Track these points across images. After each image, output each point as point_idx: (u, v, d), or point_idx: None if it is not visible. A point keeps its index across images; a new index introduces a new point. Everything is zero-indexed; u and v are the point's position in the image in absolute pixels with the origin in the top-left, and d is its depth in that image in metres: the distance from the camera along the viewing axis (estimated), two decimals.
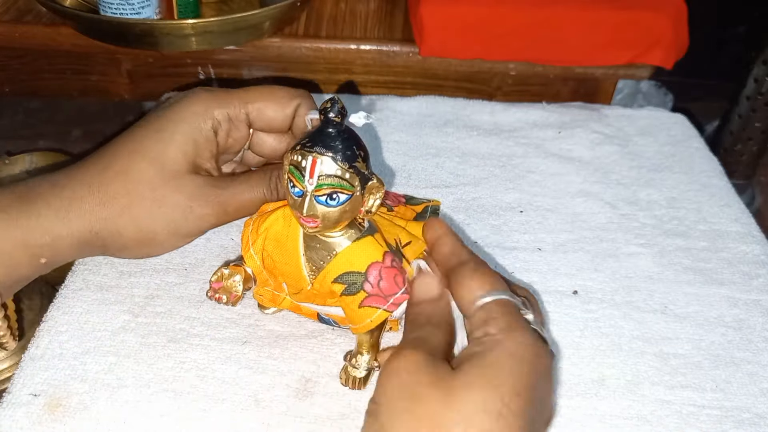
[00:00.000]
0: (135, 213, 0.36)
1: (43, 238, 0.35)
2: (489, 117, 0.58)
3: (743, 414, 0.36)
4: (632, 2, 0.59)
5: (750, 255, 0.46)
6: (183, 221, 0.37)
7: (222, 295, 0.36)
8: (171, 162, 0.36)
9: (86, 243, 0.36)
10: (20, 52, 0.64)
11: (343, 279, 0.33)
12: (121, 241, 0.36)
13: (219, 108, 0.38)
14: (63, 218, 0.35)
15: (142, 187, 0.36)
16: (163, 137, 0.37)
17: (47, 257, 0.35)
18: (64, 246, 0.35)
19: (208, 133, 0.37)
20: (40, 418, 0.33)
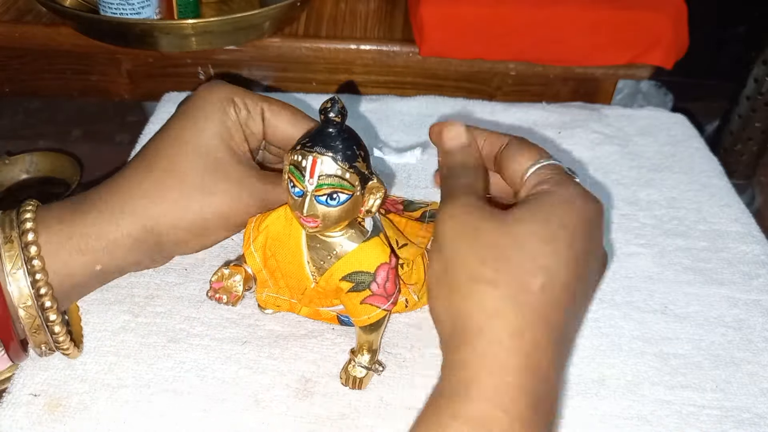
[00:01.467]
0: (186, 203, 0.36)
1: (98, 243, 0.35)
2: (489, 117, 0.58)
3: (743, 414, 0.36)
4: (632, 2, 0.59)
5: (750, 255, 0.45)
6: (233, 210, 0.37)
7: (222, 295, 0.36)
8: (213, 150, 0.37)
9: (141, 241, 0.36)
10: (20, 52, 0.64)
11: (351, 278, 0.33)
12: (175, 234, 0.37)
13: (238, 96, 0.39)
14: (116, 221, 0.35)
15: (190, 179, 0.36)
16: (198, 126, 0.37)
17: (102, 264, 0.35)
18: (119, 249, 0.35)
19: (233, 117, 0.38)
20: (40, 418, 0.33)
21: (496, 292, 0.27)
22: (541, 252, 0.28)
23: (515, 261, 0.27)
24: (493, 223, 0.29)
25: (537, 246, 0.28)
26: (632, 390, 0.37)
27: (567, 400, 0.36)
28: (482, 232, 0.29)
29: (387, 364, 0.37)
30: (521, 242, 0.28)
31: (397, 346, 0.38)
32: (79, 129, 0.79)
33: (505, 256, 0.28)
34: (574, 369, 0.37)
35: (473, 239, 0.29)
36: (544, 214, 0.29)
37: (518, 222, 0.29)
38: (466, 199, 0.31)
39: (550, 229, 0.28)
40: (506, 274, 0.27)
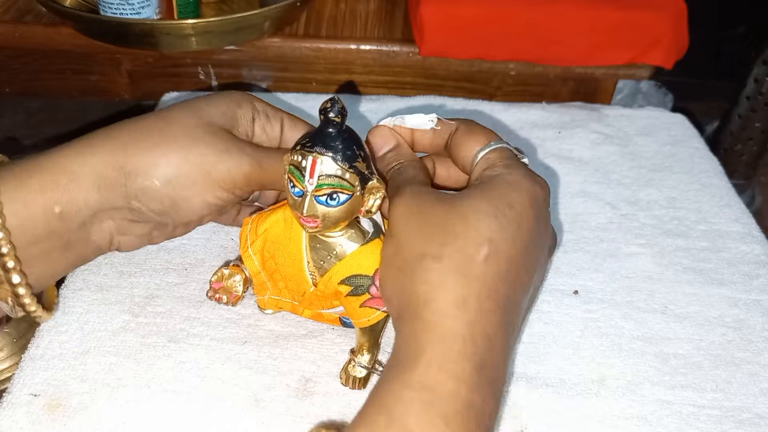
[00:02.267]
0: (167, 149, 0.34)
1: (59, 177, 0.33)
2: (489, 117, 0.58)
3: (743, 414, 0.36)
4: (632, 2, 0.59)
5: (750, 255, 0.45)
6: (217, 161, 0.35)
7: (222, 295, 0.36)
8: (211, 116, 0.36)
9: (106, 179, 0.33)
10: (20, 52, 0.64)
11: (350, 281, 0.33)
12: (146, 179, 0.34)
13: (260, 103, 0.39)
14: (83, 154, 0.33)
15: (177, 128, 0.35)
16: (208, 100, 0.37)
17: (62, 204, 0.33)
18: (81, 186, 0.33)
19: (247, 115, 0.38)
20: (40, 418, 0.33)
21: (440, 265, 0.28)
22: (487, 225, 0.28)
23: (460, 235, 0.28)
24: (441, 204, 0.30)
25: (483, 220, 0.28)
26: (632, 390, 0.37)
27: (567, 400, 0.36)
28: (429, 213, 0.30)
29: None
30: (466, 217, 0.29)
31: None
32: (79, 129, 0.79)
33: (450, 231, 0.28)
34: (574, 369, 0.38)
35: (421, 220, 0.30)
36: (491, 193, 0.30)
37: (464, 200, 0.30)
38: (411, 188, 0.32)
39: (496, 206, 0.29)
40: (451, 247, 0.28)
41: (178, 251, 0.43)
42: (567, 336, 0.39)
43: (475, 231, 0.28)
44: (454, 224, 0.29)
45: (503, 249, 0.28)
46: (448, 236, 0.28)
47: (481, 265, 0.28)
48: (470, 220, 0.29)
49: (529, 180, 0.31)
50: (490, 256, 0.28)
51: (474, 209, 0.29)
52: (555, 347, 0.39)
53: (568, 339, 0.39)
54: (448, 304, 0.27)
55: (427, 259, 0.28)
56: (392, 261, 0.30)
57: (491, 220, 0.29)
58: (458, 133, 0.34)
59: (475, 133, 0.33)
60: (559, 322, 0.40)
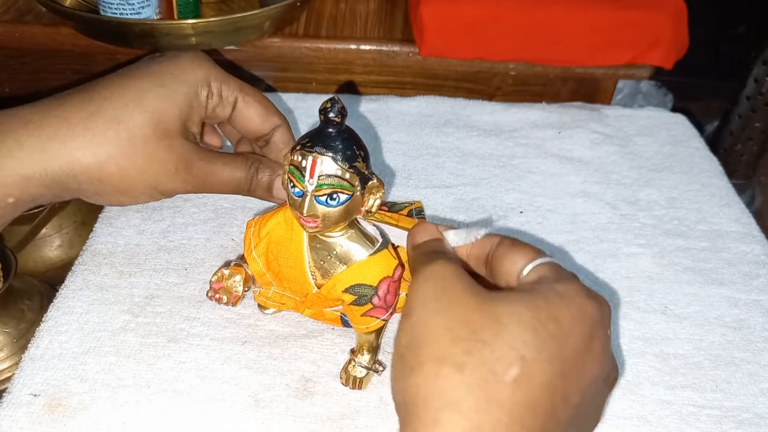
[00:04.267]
0: (122, 163, 0.35)
1: (13, 178, 0.33)
2: (489, 117, 0.58)
3: (743, 414, 0.36)
4: (632, 2, 0.59)
5: (750, 255, 0.45)
6: (165, 180, 0.37)
7: (222, 295, 0.36)
8: (167, 121, 0.36)
9: (60, 184, 0.35)
10: (20, 52, 0.64)
11: (354, 290, 0.33)
12: (99, 186, 0.36)
13: (216, 81, 0.38)
14: (37, 158, 0.33)
15: (135, 140, 0.35)
16: (165, 94, 0.36)
17: (15, 197, 0.34)
18: (35, 186, 0.34)
19: (202, 99, 0.38)
20: (40, 418, 0.33)
21: (461, 378, 0.24)
22: (522, 339, 0.24)
23: (489, 344, 0.24)
24: (474, 298, 0.26)
25: (518, 332, 0.24)
26: (632, 390, 0.37)
27: None
28: (459, 305, 0.26)
29: (387, 364, 0.37)
30: (501, 323, 0.25)
31: None
32: None
33: (480, 337, 0.24)
34: None
35: (447, 311, 0.26)
36: (535, 302, 0.25)
37: (503, 302, 0.26)
38: (444, 264, 0.28)
39: (537, 317, 0.25)
40: (476, 357, 0.24)
41: (178, 251, 0.43)
42: None
43: (508, 344, 0.24)
44: (484, 328, 0.24)
45: (537, 373, 0.24)
46: (476, 343, 0.24)
47: (507, 387, 0.23)
48: (504, 329, 0.24)
49: (584, 296, 0.26)
50: (520, 379, 0.24)
51: (510, 315, 0.25)
52: None
53: None
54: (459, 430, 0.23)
55: (447, 366, 0.24)
56: (405, 355, 0.26)
57: (529, 333, 0.24)
58: (502, 246, 0.29)
59: (521, 247, 0.29)
60: None
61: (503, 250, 0.29)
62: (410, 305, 0.27)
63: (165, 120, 0.36)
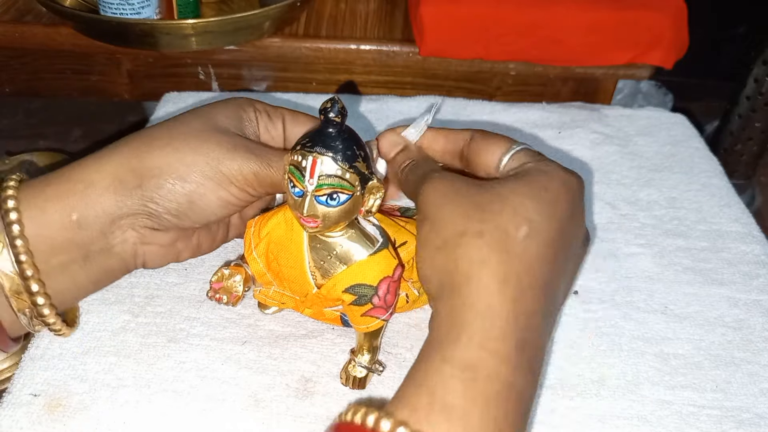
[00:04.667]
0: (176, 146, 0.35)
1: (76, 186, 0.33)
2: (489, 117, 0.58)
3: (743, 414, 0.36)
4: (632, 2, 0.59)
5: (750, 255, 0.45)
6: (226, 156, 0.35)
7: (222, 295, 0.36)
8: (217, 120, 0.36)
9: (120, 182, 0.34)
10: (20, 52, 0.64)
11: (354, 290, 0.33)
12: (161, 179, 0.34)
13: (260, 103, 0.39)
14: (97, 161, 0.34)
15: (186, 129, 0.35)
16: (212, 105, 0.37)
17: (79, 210, 0.33)
18: (97, 192, 0.33)
19: (251, 117, 0.38)
20: (40, 418, 0.33)
21: (482, 241, 0.28)
22: (524, 206, 0.28)
23: (499, 213, 0.28)
24: (476, 186, 0.30)
25: (520, 200, 0.29)
26: (632, 390, 0.37)
27: (567, 401, 0.36)
28: (465, 194, 0.30)
29: (387, 364, 0.37)
30: (504, 197, 0.29)
31: (397, 346, 0.38)
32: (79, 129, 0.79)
33: (488, 209, 0.28)
34: (574, 369, 0.37)
35: (457, 200, 0.30)
36: (526, 178, 0.30)
37: (500, 183, 0.30)
38: (439, 174, 0.31)
39: (532, 188, 0.29)
40: (491, 224, 0.28)
41: None
42: (567, 336, 0.39)
43: (514, 210, 0.28)
44: (492, 203, 0.29)
45: (542, 230, 0.28)
46: (487, 213, 0.28)
47: (521, 243, 0.28)
48: (508, 200, 0.29)
49: (563, 170, 0.31)
50: (530, 235, 0.28)
51: (510, 189, 0.29)
52: (555, 347, 0.39)
53: (568, 339, 0.39)
54: (491, 280, 0.27)
55: (468, 236, 0.28)
56: (429, 241, 0.30)
57: (528, 200, 0.29)
58: (475, 141, 0.33)
59: (495, 138, 0.33)
60: (559, 322, 0.40)
61: (478, 144, 0.33)
62: (424, 210, 0.31)
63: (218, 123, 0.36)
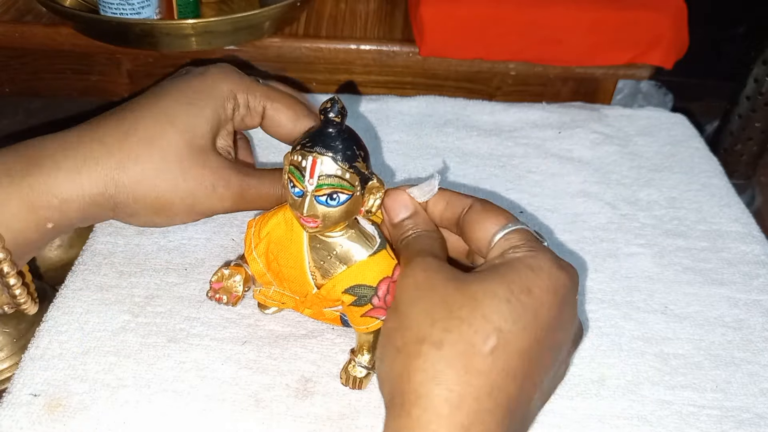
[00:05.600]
0: (157, 181, 0.35)
1: (51, 201, 0.33)
2: (489, 117, 0.58)
3: (743, 414, 0.36)
4: (632, 2, 0.59)
5: (750, 255, 0.45)
6: (203, 198, 0.36)
7: (222, 295, 0.36)
8: (200, 137, 0.36)
9: (96, 205, 0.35)
10: (20, 52, 0.64)
11: (354, 291, 0.33)
12: (135, 207, 0.35)
13: (242, 93, 0.38)
14: (74, 180, 0.34)
15: (169, 156, 0.35)
16: (194, 111, 0.36)
17: (54, 221, 0.34)
18: (73, 209, 0.34)
19: (228, 112, 0.38)
20: (40, 418, 0.33)
21: (440, 354, 0.25)
22: (497, 312, 0.26)
23: (466, 320, 0.25)
24: (453, 283, 0.27)
25: (493, 305, 0.26)
26: (632, 390, 0.37)
27: (567, 401, 0.36)
28: (438, 291, 0.27)
29: None
30: (476, 300, 0.26)
31: None
32: None
33: (456, 315, 0.26)
34: (574, 369, 0.37)
35: (427, 297, 0.27)
36: (508, 275, 0.27)
37: (478, 281, 0.27)
38: (423, 260, 0.29)
39: (511, 290, 0.26)
40: (454, 334, 0.25)
41: (178, 251, 0.43)
42: None
43: (483, 317, 0.25)
44: (461, 307, 0.26)
45: (513, 341, 0.25)
46: (453, 320, 0.26)
47: (486, 358, 0.25)
48: (479, 304, 0.26)
49: (554, 266, 0.28)
50: (498, 348, 0.25)
51: (485, 291, 0.26)
52: None
53: None
54: (443, 402, 0.24)
55: (426, 345, 0.25)
56: (391, 339, 0.27)
57: (503, 305, 0.26)
58: (473, 211, 0.31)
59: (493, 212, 0.30)
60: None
61: (474, 215, 0.31)
62: (397, 297, 0.29)
63: (197, 137, 0.36)
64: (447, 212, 0.32)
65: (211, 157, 0.36)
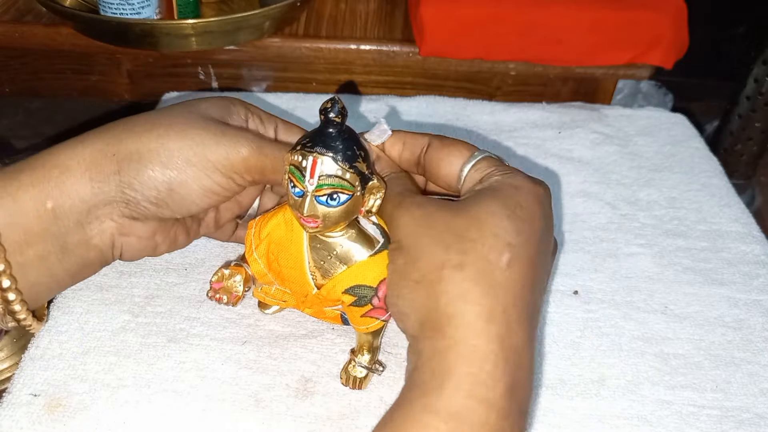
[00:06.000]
0: (159, 132, 0.33)
1: (51, 172, 0.32)
2: (489, 117, 0.58)
3: (743, 414, 0.36)
4: (632, 2, 0.59)
5: (750, 255, 0.45)
6: (213, 144, 0.33)
7: (222, 295, 0.36)
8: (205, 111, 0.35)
9: (99, 169, 0.32)
10: (20, 52, 0.64)
11: (354, 291, 0.33)
12: (140, 164, 0.32)
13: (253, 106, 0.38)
14: (76, 146, 0.32)
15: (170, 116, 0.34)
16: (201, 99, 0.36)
17: (54, 198, 0.31)
18: (73, 179, 0.32)
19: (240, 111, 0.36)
20: (40, 418, 0.33)
21: (463, 275, 0.26)
22: (504, 229, 0.27)
23: (478, 240, 0.27)
24: (449, 211, 0.28)
25: (498, 223, 0.27)
26: (632, 390, 0.37)
27: (567, 401, 0.36)
28: (439, 220, 0.28)
29: (387, 364, 0.37)
30: (481, 221, 0.27)
31: (397, 346, 0.38)
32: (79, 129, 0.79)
33: (467, 237, 0.27)
34: (574, 369, 0.37)
35: (431, 228, 0.28)
36: (499, 195, 0.29)
37: (475, 204, 0.28)
38: (411, 198, 0.30)
39: (508, 207, 0.28)
40: (471, 254, 0.26)
41: (178, 251, 0.43)
42: (567, 336, 0.39)
43: (493, 236, 0.27)
44: (469, 229, 0.27)
45: (522, 253, 0.27)
46: (467, 242, 0.27)
47: (504, 272, 0.26)
48: (485, 224, 0.27)
49: (531, 181, 0.30)
50: (512, 261, 0.26)
51: (486, 212, 0.28)
52: (555, 347, 0.39)
53: (568, 339, 0.39)
54: (476, 317, 0.25)
55: (447, 269, 0.26)
56: (406, 274, 0.28)
57: (505, 221, 0.27)
58: (432, 148, 0.32)
59: (454, 145, 0.32)
60: (559, 322, 0.40)
61: (436, 153, 0.32)
62: (397, 238, 0.30)
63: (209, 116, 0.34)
64: (405, 153, 0.33)
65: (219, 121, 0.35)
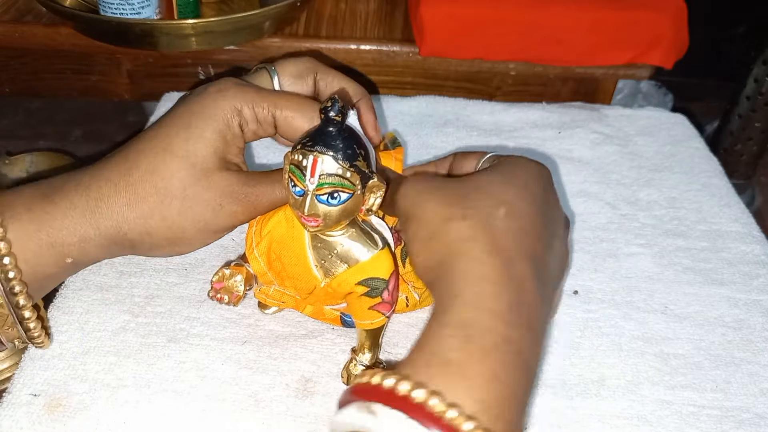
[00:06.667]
0: (165, 213, 0.35)
1: (70, 238, 0.34)
2: (489, 117, 0.58)
3: (743, 414, 0.36)
4: (632, 2, 0.59)
5: (750, 255, 0.45)
6: (213, 218, 0.36)
7: (223, 295, 0.36)
8: (201, 160, 0.36)
9: (115, 243, 0.35)
10: (20, 52, 0.64)
11: (368, 282, 0.33)
12: (150, 241, 0.36)
13: (247, 106, 0.37)
14: (89, 219, 0.34)
15: (172, 187, 0.35)
16: (193, 134, 0.36)
17: (74, 257, 0.35)
18: (92, 246, 0.35)
19: (236, 130, 0.37)
20: (40, 418, 0.33)
21: (467, 223, 0.30)
22: (501, 191, 0.31)
23: (479, 200, 0.31)
24: (452, 182, 0.33)
25: (496, 187, 0.32)
26: (632, 390, 0.37)
27: (567, 401, 0.36)
28: (442, 189, 0.32)
29: (387, 364, 0.37)
30: (482, 188, 0.32)
31: (397, 346, 0.38)
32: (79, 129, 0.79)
33: (468, 198, 0.31)
34: (574, 369, 0.37)
35: (437, 193, 0.32)
36: (498, 169, 0.33)
37: (475, 176, 0.33)
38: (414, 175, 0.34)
39: (504, 176, 0.32)
40: (473, 209, 0.30)
41: None
42: (567, 336, 0.39)
43: (491, 195, 0.31)
44: (468, 194, 0.31)
45: (518, 209, 0.31)
46: (468, 201, 0.31)
47: (503, 221, 0.30)
48: (484, 189, 0.31)
49: (529, 161, 0.34)
50: (509, 214, 0.30)
51: (485, 180, 0.32)
52: (555, 347, 0.39)
53: (568, 339, 0.39)
54: (481, 252, 0.29)
55: (454, 220, 0.30)
56: (418, 236, 0.31)
57: (503, 186, 0.31)
58: (458, 158, 0.37)
59: (473, 152, 0.37)
60: (559, 322, 0.40)
61: (460, 159, 0.38)
62: (406, 213, 0.32)
63: (199, 161, 0.36)
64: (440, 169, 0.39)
65: (215, 178, 0.36)
